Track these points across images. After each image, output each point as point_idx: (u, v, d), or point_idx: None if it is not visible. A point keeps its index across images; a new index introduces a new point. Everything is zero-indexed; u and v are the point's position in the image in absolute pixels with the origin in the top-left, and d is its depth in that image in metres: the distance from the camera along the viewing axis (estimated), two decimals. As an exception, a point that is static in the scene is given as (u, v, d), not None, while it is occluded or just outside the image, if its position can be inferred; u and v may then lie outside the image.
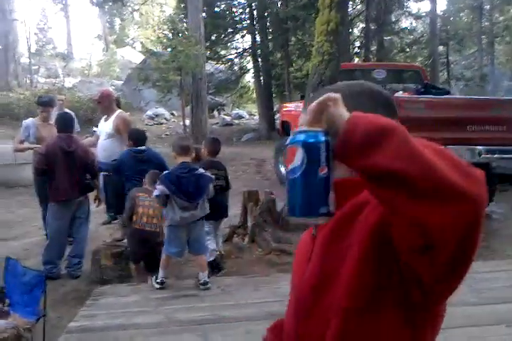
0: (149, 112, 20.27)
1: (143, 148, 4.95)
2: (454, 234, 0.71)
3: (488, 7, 24.50)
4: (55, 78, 26.43)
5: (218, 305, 3.54)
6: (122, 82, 24.84)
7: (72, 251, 4.99)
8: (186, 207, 3.94)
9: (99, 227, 6.30)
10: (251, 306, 3.48)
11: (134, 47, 36.42)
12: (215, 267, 4.63)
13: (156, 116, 20.21)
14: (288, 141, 0.78)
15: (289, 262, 4.90)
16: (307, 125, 0.78)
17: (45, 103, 5.75)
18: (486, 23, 24.29)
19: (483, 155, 6.19)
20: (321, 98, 0.77)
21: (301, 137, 0.76)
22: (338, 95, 0.78)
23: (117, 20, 43.02)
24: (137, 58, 27.65)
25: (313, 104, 0.78)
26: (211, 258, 4.60)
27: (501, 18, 25.27)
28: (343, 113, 0.77)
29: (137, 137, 5.02)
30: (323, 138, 0.75)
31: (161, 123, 19.46)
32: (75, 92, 20.79)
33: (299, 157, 0.75)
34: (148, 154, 4.97)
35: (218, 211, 4.71)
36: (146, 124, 18.66)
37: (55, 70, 29.70)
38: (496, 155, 6.11)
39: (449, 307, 0.92)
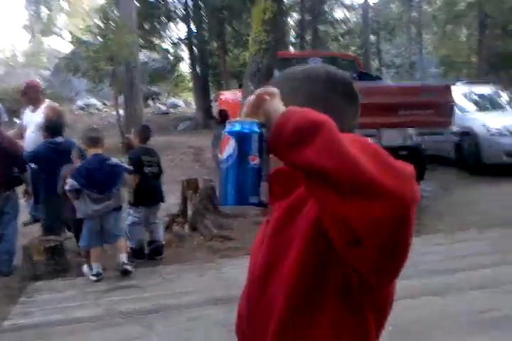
0: (80, 102, 19.58)
1: (60, 139, 4.76)
2: (381, 229, 0.70)
3: (416, -1, 25.38)
4: (-23, 69, 24.98)
5: (161, 294, 3.46)
6: (50, 72, 23.82)
7: (1, 248, 4.72)
8: (99, 199, 3.98)
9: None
10: (194, 293, 3.43)
11: (63, 37, 35.00)
12: (137, 255, 4.62)
13: (88, 106, 19.56)
14: (225, 131, 0.79)
15: (231, 247, 4.89)
16: (244, 116, 0.79)
17: None
18: (415, 14, 25.18)
19: (414, 138, 6.44)
20: (258, 91, 0.79)
21: (235, 127, 0.77)
22: (275, 89, 0.80)
23: (44, 10, 41.14)
24: (66, 47, 26.61)
25: (251, 97, 0.79)
26: (134, 246, 4.64)
27: (429, 9, 26.28)
28: (278, 107, 0.78)
29: (53, 128, 4.81)
30: (256, 129, 0.76)
31: (93, 113, 18.86)
32: (0, 83, 19.72)
33: (231, 146, 0.77)
34: (66, 145, 4.75)
35: (154, 196, 4.81)
36: (78, 114, 18.01)
37: (-23, 61, 28.08)
38: (425, 137, 6.38)
39: None
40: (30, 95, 5.31)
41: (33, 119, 5.21)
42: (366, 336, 0.89)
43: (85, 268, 4.12)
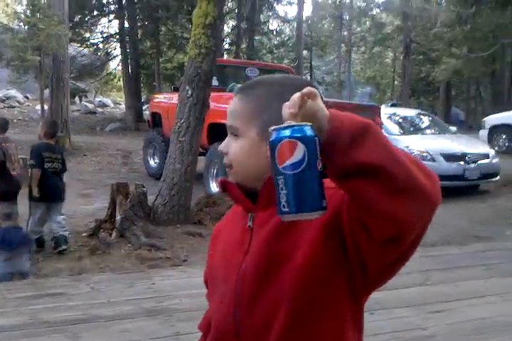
0: (-1, 94, 18.47)
1: None
2: (419, 226, 0.79)
3: (347, 17, 26.42)
4: None
5: (89, 304, 3.33)
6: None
7: None
8: None
9: None
10: (125, 303, 3.33)
11: (-17, 21, 32.87)
12: (38, 245, 4.95)
13: (8, 98, 18.49)
14: (279, 136, 0.75)
15: (160, 257, 4.80)
16: (287, 119, 0.76)
17: None
18: (345, 33, 26.20)
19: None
20: (299, 93, 0.76)
21: (298, 132, 0.74)
22: (315, 90, 0.78)
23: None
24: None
25: (295, 98, 0.76)
26: (35, 236, 4.93)
27: (358, 29, 27.45)
28: (324, 109, 0.77)
29: None
30: (314, 133, 0.75)
31: (13, 107, 17.85)
32: None
33: (299, 152, 0.74)
34: None
35: (53, 193, 5.05)
36: (-5, 107, 17.00)
37: None
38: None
39: None
40: None
41: None
42: (360, 338, 0.97)
43: None
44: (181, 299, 3.38)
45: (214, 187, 7.26)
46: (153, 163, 9.35)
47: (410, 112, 10.25)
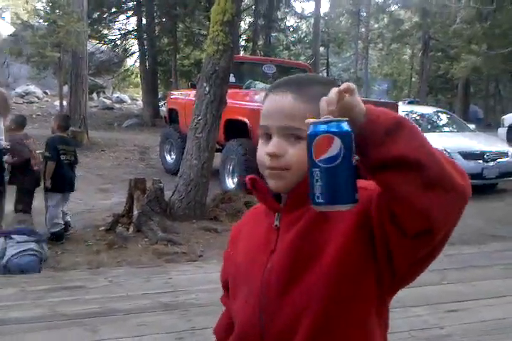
0: (19, 90, 18.71)
1: None
2: (451, 220, 0.81)
3: (365, 14, 26.22)
4: None
5: (107, 297, 3.37)
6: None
7: None
8: None
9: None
10: (142, 297, 3.36)
11: (3, 18, 33.28)
12: (57, 238, 5.09)
13: (27, 94, 18.73)
14: (317, 130, 0.77)
15: (176, 252, 4.84)
16: (325, 114, 0.78)
17: None
18: (363, 29, 26.01)
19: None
20: (339, 88, 0.77)
21: (336, 127, 0.77)
22: (353, 85, 0.79)
23: (-17, -14, 38.90)
24: (6, 30, 25.28)
25: (333, 93, 0.77)
26: (54, 230, 5.10)
27: (376, 26, 27.22)
28: (361, 104, 0.78)
29: None
30: (351, 128, 0.77)
31: (33, 102, 18.08)
32: None
33: (335, 146, 0.76)
34: None
35: (68, 184, 5.32)
36: (16, 102, 17.19)
37: None
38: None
39: None
40: None
41: None
42: (385, 336, 0.98)
43: None
44: (197, 294, 3.41)
45: (230, 184, 7.29)
46: (169, 158, 9.41)
47: (428, 110, 10.15)
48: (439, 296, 3.42)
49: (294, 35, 22.21)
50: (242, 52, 19.17)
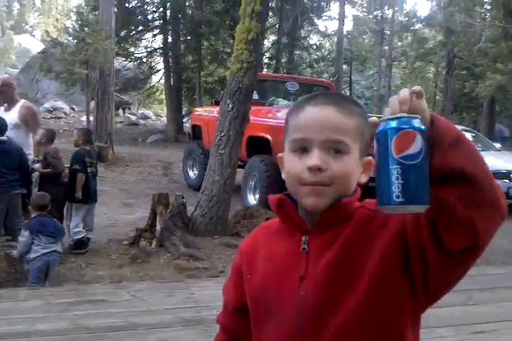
0: (47, 105, 19.18)
1: (4, 138, 4.76)
2: (491, 237, 0.81)
3: (388, 32, 26.28)
4: None
5: (129, 311, 3.39)
6: (18, 70, 23.26)
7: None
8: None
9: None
10: (164, 312, 3.38)
11: (33, 35, 34.35)
12: (80, 246, 5.27)
13: (55, 109, 19.17)
14: (397, 126, 0.75)
15: (198, 267, 4.86)
16: (390, 114, 0.77)
17: None
18: (386, 47, 26.05)
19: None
20: (412, 90, 0.78)
21: (418, 123, 0.75)
22: (421, 89, 0.79)
23: (16, 5, 40.32)
24: (36, 47, 26.08)
25: (406, 94, 0.77)
26: (77, 237, 5.27)
27: (399, 44, 27.24)
28: (427, 108, 0.79)
29: None
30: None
31: (60, 118, 18.48)
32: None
33: (418, 143, 0.74)
34: (9, 145, 4.77)
35: (93, 195, 5.59)
36: (43, 118, 17.60)
37: None
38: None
39: None
40: (6, 93, 5.24)
41: (7, 118, 5.10)
42: None
43: None
44: (219, 310, 3.40)
45: (252, 200, 7.30)
46: (192, 174, 9.49)
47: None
48: (464, 317, 3.35)
49: (317, 53, 22.36)
50: (265, 70, 19.36)
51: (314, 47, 21.82)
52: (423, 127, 0.75)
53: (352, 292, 0.89)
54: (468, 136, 9.72)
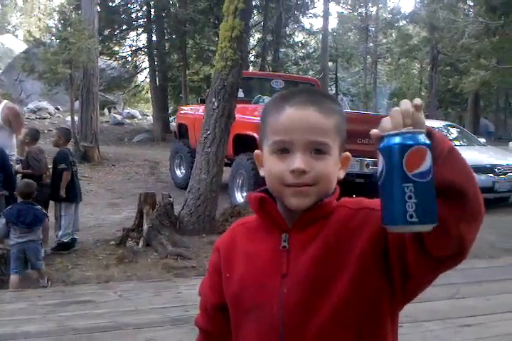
0: (31, 105, 18.97)
1: None
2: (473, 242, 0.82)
3: (373, 29, 26.40)
4: None
5: (116, 311, 3.36)
6: (1, 70, 22.97)
7: None
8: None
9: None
10: (152, 312, 3.35)
11: (16, 35, 33.97)
12: (64, 248, 5.23)
13: (39, 109, 18.97)
14: (411, 142, 0.72)
15: (186, 266, 4.83)
16: (393, 128, 0.74)
17: None
18: (371, 44, 26.17)
19: (370, 167, 6.63)
20: (413, 103, 0.75)
21: (426, 139, 0.73)
22: (420, 101, 0.76)
23: (-2, 5, 39.79)
24: (19, 47, 25.75)
25: (409, 108, 0.74)
26: (64, 240, 5.25)
27: (384, 41, 27.39)
28: (424, 121, 0.77)
29: None
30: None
31: (45, 118, 18.29)
32: None
33: (429, 159, 0.72)
34: None
35: (79, 194, 5.61)
36: (28, 118, 17.39)
37: None
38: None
39: None
40: None
41: None
42: None
43: None
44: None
45: (239, 198, 7.29)
46: (179, 173, 9.45)
47: (438, 124, 10.14)
48: (452, 311, 3.37)
49: (303, 51, 22.37)
50: (251, 68, 19.33)
51: (299, 44, 21.82)
52: (428, 142, 0.73)
53: (334, 288, 0.89)
54: (454, 131, 9.82)
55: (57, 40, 12.98)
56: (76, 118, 12.61)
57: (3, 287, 4.11)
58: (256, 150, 1.01)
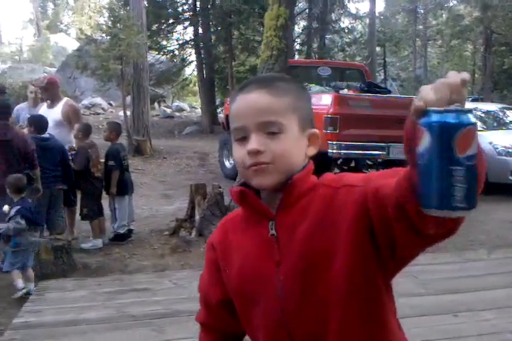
0: (85, 101, 19.58)
1: (47, 135, 4.97)
2: None
3: (422, 11, 25.56)
4: (-18, 62, 24.93)
5: (172, 299, 3.48)
6: (55, 69, 23.82)
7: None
8: None
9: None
10: (205, 300, 3.45)
11: (69, 34, 35.05)
12: (120, 239, 5.43)
13: (93, 105, 19.57)
14: (460, 121, 0.66)
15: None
16: (439, 102, 0.67)
17: None
18: (420, 27, 25.35)
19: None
20: (462, 78, 0.68)
21: (472, 118, 0.67)
22: (468, 75, 0.70)
23: (50, 5, 41.19)
24: (72, 45, 26.60)
25: (455, 81, 0.67)
26: (120, 231, 5.43)
27: (434, 22, 26.45)
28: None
29: (39, 124, 4.96)
30: None
31: (98, 113, 18.86)
32: (5, 78, 19.72)
33: (476, 141, 0.67)
34: (52, 142, 5.00)
35: (132, 186, 5.75)
36: (83, 114, 17.98)
37: (-18, 54, 28.01)
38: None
39: (398, 297, 1.00)
40: (51, 91, 5.45)
41: (51, 115, 5.29)
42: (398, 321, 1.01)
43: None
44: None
45: (228, 164, 8.35)
46: (228, 164, 9.55)
47: (493, 106, 9.75)
48: (508, 300, 3.28)
49: (349, 37, 21.97)
50: (296, 56, 19.16)
51: (346, 30, 21.41)
52: (475, 122, 0.67)
53: (330, 268, 0.90)
54: (510, 113, 9.42)
55: (108, 37, 13.29)
56: (128, 112, 12.94)
57: (65, 276, 4.31)
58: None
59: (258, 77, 1.06)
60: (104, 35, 13.82)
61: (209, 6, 18.25)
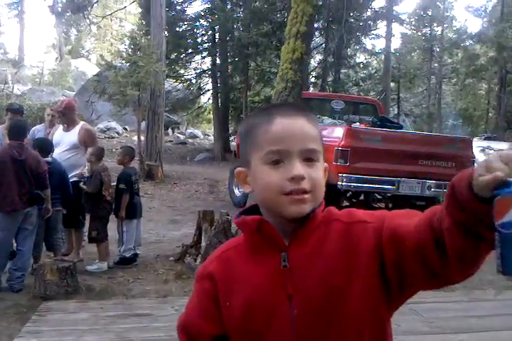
0: (101, 125, 19.91)
1: (49, 159, 5.03)
2: None
3: (438, 49, 25.89)
4: (3, 84, 25.47)
5: (173, 326, 3.41)
6: (74, 92, 24.31)
7: (15, 264, 4.75)
8: None
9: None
10: (207, 328, 3.41)
11: (89, 59, 35.89)
12: (126, 262, 5.42)
13: (108, 129, 19.89)
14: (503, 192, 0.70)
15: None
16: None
17: (15, 110, 5.83)
18: (436, 65, 25.62)
19: (432, 189, 6.47)
20: None
21: None
22: None
23: (74, 31, 42.31)
24: (91, 70, 27.22)
25: None
26: (127, 254, 5.43)
27: (449, 61, 26.73)
28: None
29: (44, 147, 5.03)
30: None
31: (113, 137, 19.14)
32: (24, 100, 20.15)
33: None
34: (54, 166, 5.03)
35: (140, 210, 5.74)
36: (98, 137, 18.24)
37: (4, 76, 28.67)
38: (444, 190, 6.38)
39: (401, 335, 1.05)
40: (68, 115, 5.55)
41: (66, 138, 5.40)
42: None
43: None
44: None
45: (237, 192, 8.02)
46: (237, 192, 9.55)
47: (505, 145, 9.75)
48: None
49: (364, 72, 22.25)
50: (311, 89, 19.41)
51: (361, 65, 21.72)
52: None
53: (346, 303, 0.90)
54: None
55: (127, 64, 13.61)
56: (142, 137, 13.11)
57: (68, 298, 4.29)
58: (237, 168, 1.02)
59: (289, 103, 1.08)
60: (123, 61, 14.15)
61: (227, 38, 18.68)
